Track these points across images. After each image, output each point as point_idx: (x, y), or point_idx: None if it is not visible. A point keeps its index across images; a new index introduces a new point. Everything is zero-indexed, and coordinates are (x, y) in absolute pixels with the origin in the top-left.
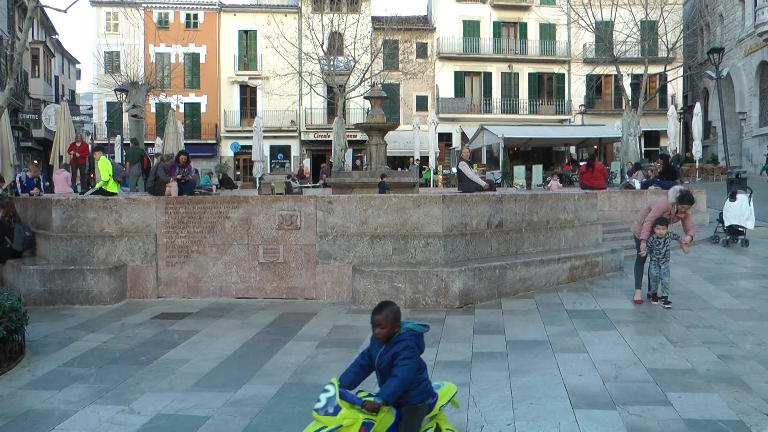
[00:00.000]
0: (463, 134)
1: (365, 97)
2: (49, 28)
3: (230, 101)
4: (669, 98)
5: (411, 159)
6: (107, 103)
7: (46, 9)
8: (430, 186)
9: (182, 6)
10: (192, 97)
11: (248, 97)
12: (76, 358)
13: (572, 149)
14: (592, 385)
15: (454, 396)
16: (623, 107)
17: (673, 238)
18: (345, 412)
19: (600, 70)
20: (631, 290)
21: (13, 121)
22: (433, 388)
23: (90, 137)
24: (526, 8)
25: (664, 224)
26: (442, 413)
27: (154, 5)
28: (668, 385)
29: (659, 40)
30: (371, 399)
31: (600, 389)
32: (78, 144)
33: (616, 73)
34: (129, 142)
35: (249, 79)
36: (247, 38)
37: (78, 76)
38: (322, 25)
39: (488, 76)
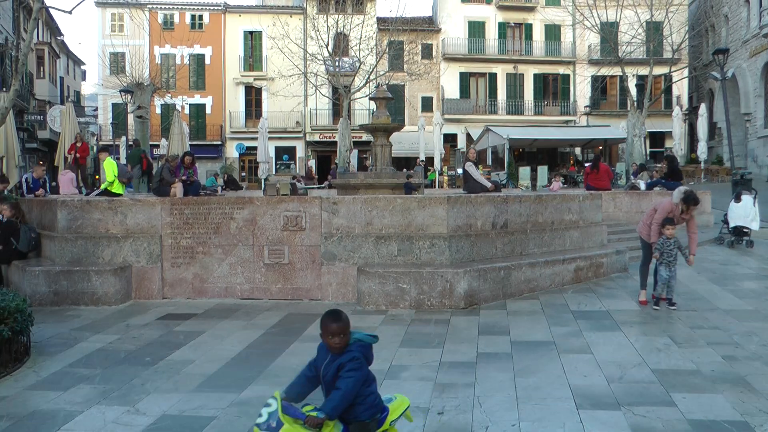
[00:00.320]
0: (468, 135)
1: (370, 98)
2: (54, 29)
3: (235, 102)
4: (674, 99)
5: (417, 160)
6: (112, 104)
7: (51, 10)
8: (435, 187)
9: (187, 7)
10: (197, 98)
11: (253, 98)
12: (82, 359)
13: (577, 150)
14: (596, 385)
15: (406, 410)
16: (628, 108)
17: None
18: (287, 427)
19: (605, 71)
20: (636, 291)
21: (19, 123)
22: (385, 401)
23: (95, 138)
24: (531, 9)
25: (673, 224)
26: (393, 428)
27: (159, 6)
28: (673, 385)
29: (664, 41)
30: (315, 414)
31: (605, 390)
32: (78, 144)
33: (621, 74)
34: (131, 143)
35: (254, 80)
36: (252, 39)
37: (83, 77)
38: (327, 26)
39: (493, 77)
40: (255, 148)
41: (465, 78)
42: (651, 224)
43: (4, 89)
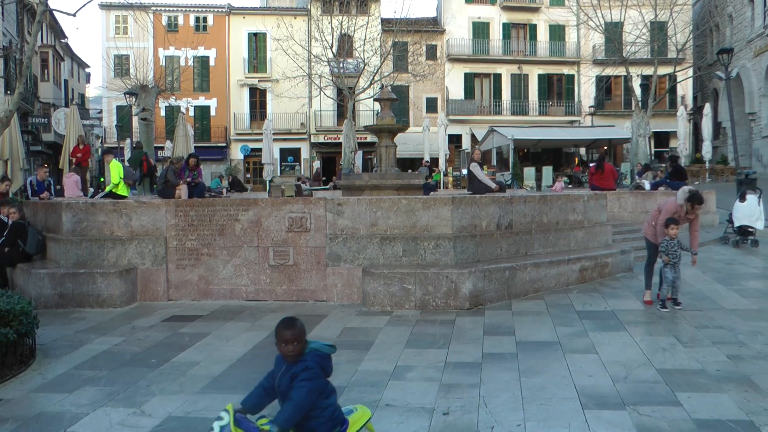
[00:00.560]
0: (473, 136)
1: (375, 99)
2: (58, 32)
3: (240, 104)
4: (678, 99)
5: (422, 161)
6: (117, 106)
7: (55, 13)
8: (440, 188)
9: (191, 9)
10: (202, 100)
11: (258, 99)
12: (87, 361)
13: (582, 150)
14: (602, 385)
15: (368, 422)
16: (633, 108)
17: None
18: None
19: (609, 71)
20: (640, 291)
21: (23, 125)
22: (345, 413)
23: (100, 141)
24: (535, 9)
25: (676, 224)
26: None
27: (163, 8)
28: (678, 385)
29: (669, 40)
30: (267, 427)
31: (610, 390)
32: (81, 146)
33: (625, 74)
34: (135, 145)
35: (258, 81)
36: (257, 41)
37: (87, 79)
38: (332, 27)
39: (498, 77)
40: (260, 150)
41: (469, 79)
42: (656, 225)
43: (9, 92)
